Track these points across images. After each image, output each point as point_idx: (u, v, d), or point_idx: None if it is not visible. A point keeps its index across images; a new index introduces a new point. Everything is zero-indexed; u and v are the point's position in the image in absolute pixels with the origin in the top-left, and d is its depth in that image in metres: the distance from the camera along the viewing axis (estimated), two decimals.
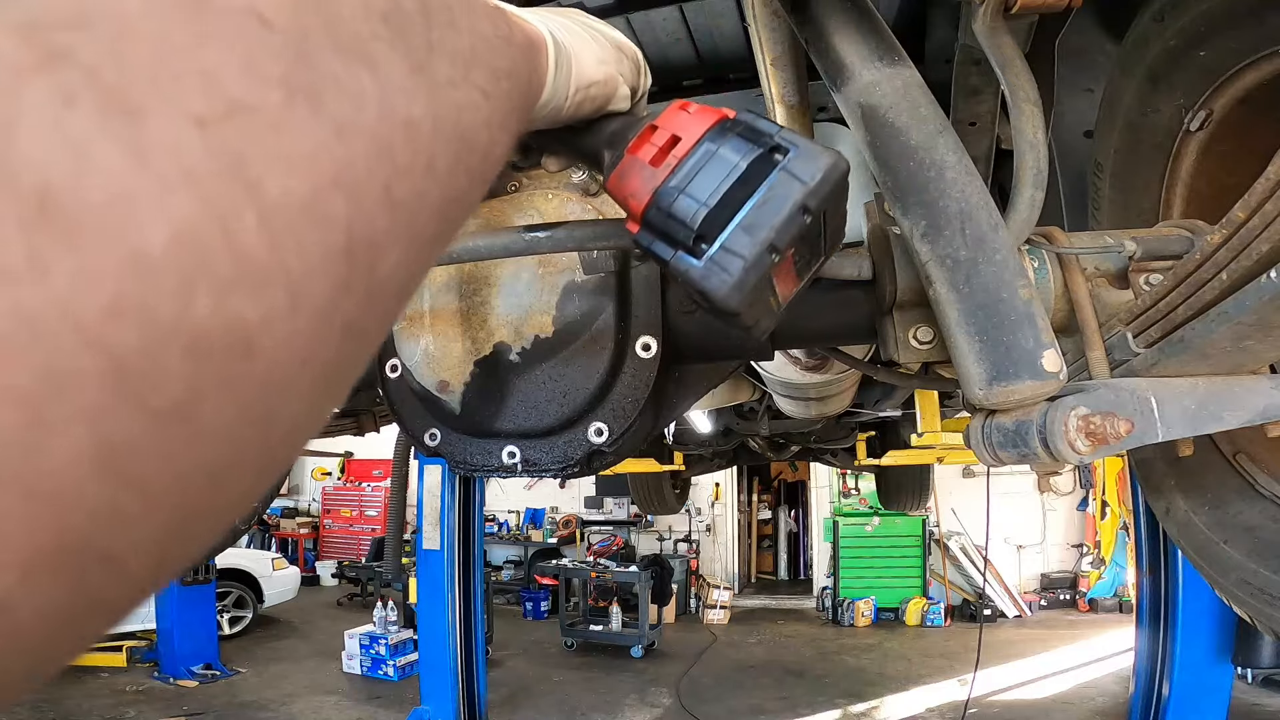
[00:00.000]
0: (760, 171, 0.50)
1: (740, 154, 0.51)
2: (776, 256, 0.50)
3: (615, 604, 9.10)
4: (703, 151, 0.51)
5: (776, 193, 0.50)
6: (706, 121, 0.52)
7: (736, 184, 0.50)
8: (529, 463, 0.97)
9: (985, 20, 0.91)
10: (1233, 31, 0.97)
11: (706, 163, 0.51)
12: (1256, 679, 6.56)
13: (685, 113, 0.53)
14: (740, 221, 0.50)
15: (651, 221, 0.53)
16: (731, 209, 0.50)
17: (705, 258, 0.51)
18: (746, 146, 0.51)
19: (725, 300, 0.51)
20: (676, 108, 0.54)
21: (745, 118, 0.53)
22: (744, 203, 0.50)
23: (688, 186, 0.51)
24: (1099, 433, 0.69)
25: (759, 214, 0.50)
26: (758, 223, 0.50)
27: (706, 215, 0.50)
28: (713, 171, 0.51)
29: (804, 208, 0.50)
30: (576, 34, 0.53)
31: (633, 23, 1.61)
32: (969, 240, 0.75)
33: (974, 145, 1.46)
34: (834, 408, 2.76)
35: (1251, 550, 1.11)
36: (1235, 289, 0.64)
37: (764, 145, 0.51)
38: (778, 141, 0.51)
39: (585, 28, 0.55)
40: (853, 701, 7.10)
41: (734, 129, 0.52)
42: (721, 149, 0.51)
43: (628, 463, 5.13)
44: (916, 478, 6.67)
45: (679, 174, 0.51)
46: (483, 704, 6.62)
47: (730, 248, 0.50)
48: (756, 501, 13.45)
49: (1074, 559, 10.77)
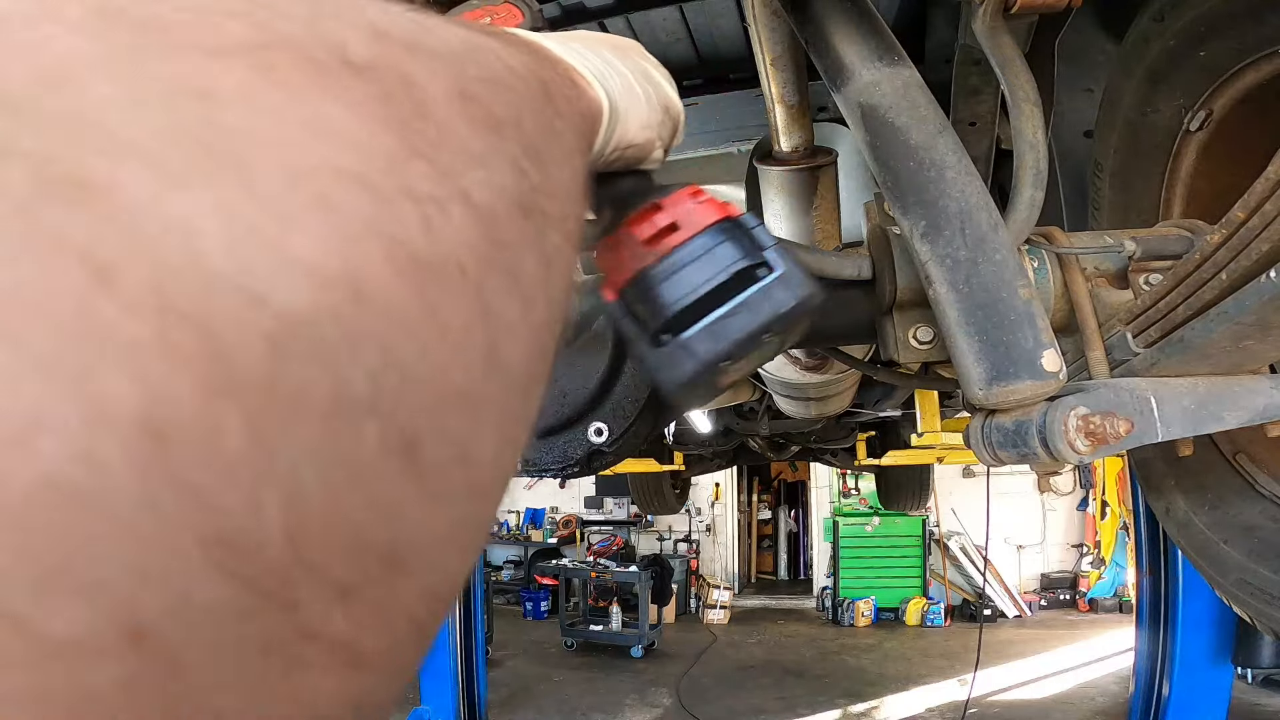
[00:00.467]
0: (741, 282, 0.52)
1: (729, 260, 0.52)
2: (728, 363, 0.53)
3: (615, 604, 9.10)
4: (696, 246, 0.53)
5: (748, 308, 0.52)
6: (709, 217, 0.53)
7: (716, 289, 0.52)
8: (529, 462, 0.97)
9: (985, 20, 0.91)
10: (1233, 31, 0.97)
11: (695, 259, 0.52)
12: (1256, 679, 6.55)
13: (692, 202, 0.54)
14: (705, 324, 0.52)
15: (627, 297, 0.54)
16: (702, 311, 0.52)
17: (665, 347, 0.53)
18: (737, 254, 0.52)
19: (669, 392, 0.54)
20: (686, 194, 0.55)
21: (747, 222, 0.54)
22: (715, 308, 0.52)
23: (670, 278, 0.53)
24: (1099, 432, 0.69)
25: (725, 324, 0.52)
26: (720, 332, 0.52)
27: (678, 311, 0.52)
28: (698, 269, 0.52)
29: (768, 329, 0.52)
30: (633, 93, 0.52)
31: (633, 23, 1.62)
32: (969, 240, 0.75)
33: (974, 145, 1.46)
34: (834, 408, 2.76)
35: (1251, 550, 1.11)
36: (1235, 289, 0.64)
37: (753, 258, 0.52)
38: (766, 259, 0.53)
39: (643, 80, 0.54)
40: (853, 701, 7.10)
41: (732, 232, 0.53)
42: (715, 249, 0.52)
43: (628, 463, 5.13)
44: (916, 478, 6.67)
45: (666, 262, 0.53)
46: (483, 704, 6.62)
47: (689, 346, 0.52)
48: (756, 501, 13.44)
49: (1074, 559, 10.77)
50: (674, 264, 0.52)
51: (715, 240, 0.53)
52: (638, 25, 1.62)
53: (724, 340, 0.52)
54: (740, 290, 0.52)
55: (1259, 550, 1.10)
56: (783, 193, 1.48)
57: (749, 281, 0.52)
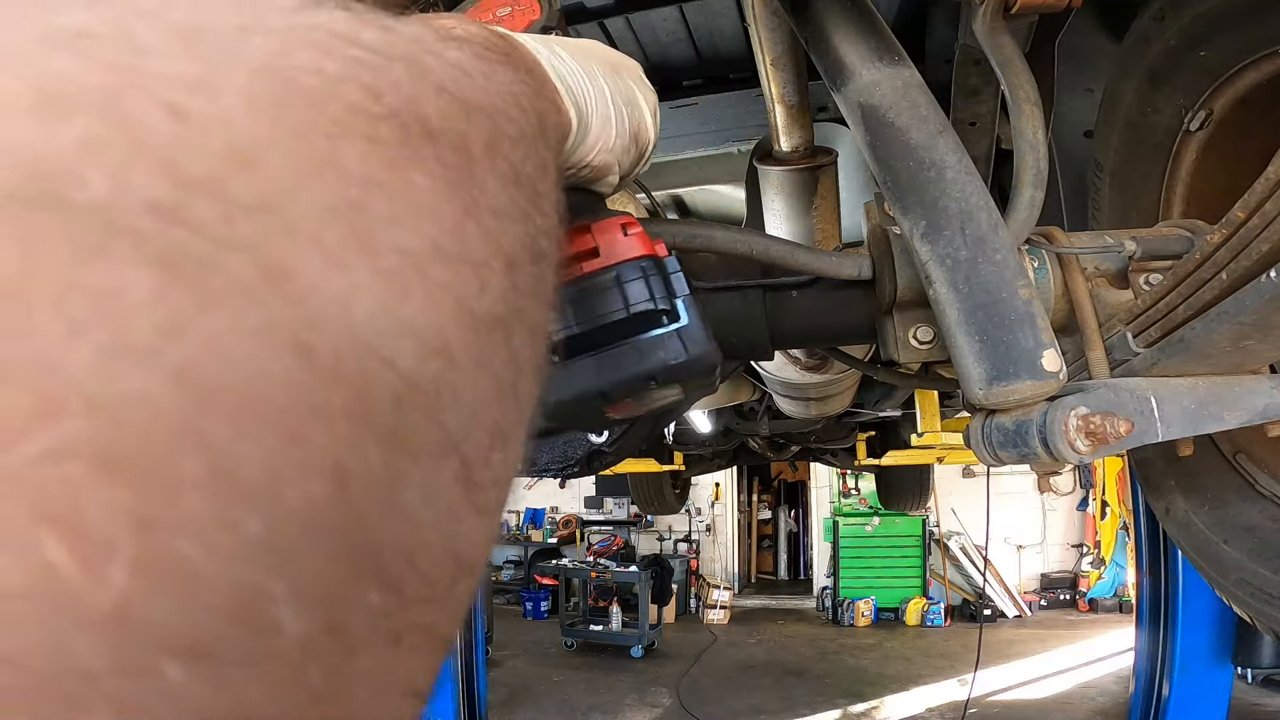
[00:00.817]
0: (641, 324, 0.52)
1: (636, 299, 0.52)
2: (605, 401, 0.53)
3: (615, 604, 9.10)
4: (609, 278, 0.53)
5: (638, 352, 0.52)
6: (630, 252, 0.53)
7: (614, 324, 0.52)
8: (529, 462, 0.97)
9: (985, 20, 0.91)
10: (1233, 31, 0.97)
11: (604, 290, 0.52)
12: (1256, 679, 6.55)
13: (619, 233, 0.54)
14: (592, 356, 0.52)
15: None
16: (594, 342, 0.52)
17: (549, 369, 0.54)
18: (645, 295, 0.52)
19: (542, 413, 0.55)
20: (618, 223, 0.55)
21: (668, 265, 0.54)
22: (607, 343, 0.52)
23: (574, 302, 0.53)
24: (1099, 432, 0.69)
25: (610, 361, 0.52)
26: (604, 367, 0.52)
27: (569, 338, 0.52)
28: (604, 300, 0.52)
29: (652, 377, 0.52)
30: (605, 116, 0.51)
31: (633, 23, 1.62)
32: (969, 240, 0.75)
33: (974, 145, 1.46)
34: (834, 408, 2.76)
35: (1251, 550, 1.11)
36: (1235, 289, 0.64)
37: (661, 304, 0.52)
38: (674, 307, 0.53)
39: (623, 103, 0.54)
40: (853, 701, 7.10)
41: (650, 272, 0.53)
42: (627, 284, 0.52)
43: (628, 463, 5.13)
44: (916, 478, 6.67)
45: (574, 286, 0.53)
46: (483, 704, 6.62)
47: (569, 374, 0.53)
48: (756, 501, 13.44)
49: (1074, 559, 10.77)
50: (581, 290, 0.53)
51: (630, 276, 0.53)
52: (638, 25, 1.62)
53: (602, 377, 0.52)
54: (638, 331, 0.52)
55: (1259, 550, 1.10)
56: (783, 193, 1.48)
57: (650, 325, 0.52)
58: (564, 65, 0.47)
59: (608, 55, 0.55)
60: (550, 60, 0.45)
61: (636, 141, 0.56)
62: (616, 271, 0.52)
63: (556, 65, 0.46)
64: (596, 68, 0.51)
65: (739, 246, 0.82)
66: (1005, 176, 1.66)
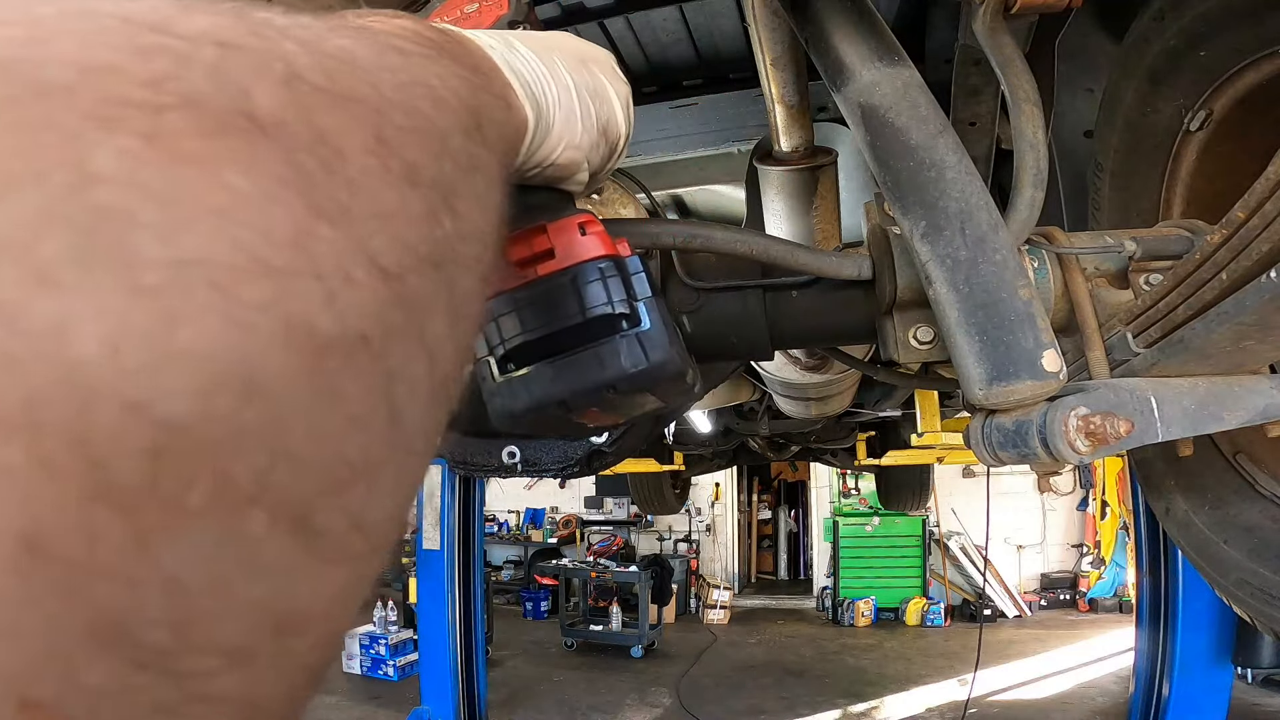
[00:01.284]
0: (600, 329, 0.49)
1: (594, 303, 0.49)
2: (565, 410, 0.50)
3: (615, 604, 9.09)
4: (565, 280, 0.50)
5: (597, 359, 0.49)
6: (588, 253, 0.50)
7: (571, 329, 0.49)
8: (529, 462, 0.97)
9: (985, 20, 0.91)
10: (1233, 31, 0.97)
11: (560, 294, 0.49)
12: (1256, 679, 6.55)
13: (576, 233, 0.51)
14: (548, 364, 0.50)
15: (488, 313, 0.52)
16: (553, 348, 0.49)
17: (503, 378, 0.50)
18: (602, 299, 0.49)
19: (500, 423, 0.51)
20: (576, 222, 0.51)
21: (629, 266, 0.51)
22: (566, 349, 0.49)
23: (529, 307, 0.50)
24: (1099, 433, 0.69)
25: (569, 369, 0.49)
26: (561, 376, 0.49)
27: (522, 344, 0.50)
28: (560, 304, 0.49)
29: (612, 386, 0.49)
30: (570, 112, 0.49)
31: (633, 23, 1.62)
32: (969, 240, 0.75)
33: (974, 145, 1.46)
34: (834, 408, 2.76)
35: (1251, 550, 1.11)
36: (1235, 289, 0.64)
37: (620, 307, 0.49)
38: (635, 310, 0.50)
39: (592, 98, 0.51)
40: (853, 701, 7.10)
41: (609, 274, 0.50)
42: (584, 288, 0.49)
43: (628, 463, 5.13)
44: (916, 478, 6.67)
45: (529, 290, 0.50)
46: (483, 704, 6.62)
47: (527, 382, 0.50)
48: (756, 501, 13.44)
49: (1074, 559, 10.77)
50: (536, 293, 0.50)
51: (588, 278, 0.49)
52: (638, 25, 1.62)
53: (559, 386, 0.49)
54: (597, 337, 0.49)
55: (1259, 550, 1.10)
56: (783, 193, 1.48)
57: (610, 330, 0.49)
58: (521, 60, 0.45)
59: (575, 48, 0.53)
60: (505, 56, 0.43)
61: (606, 137, 0.53)
62: (573, 274, 0.49)
63: (512, 60, 0.44)
64: (560, 61, 0.49)
65: (739, 246, 0.82)
66: (1005, 176, 1.66)
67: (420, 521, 6.65)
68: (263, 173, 0.20)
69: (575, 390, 0.49)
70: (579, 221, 0.51)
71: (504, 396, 0.51)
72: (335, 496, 0.20)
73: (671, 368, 0.50)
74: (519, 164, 0.46)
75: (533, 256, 0.50)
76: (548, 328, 0.49)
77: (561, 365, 0.49)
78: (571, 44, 0.53)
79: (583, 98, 0.50)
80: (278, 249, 0.19)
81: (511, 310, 0.50)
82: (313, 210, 0.20)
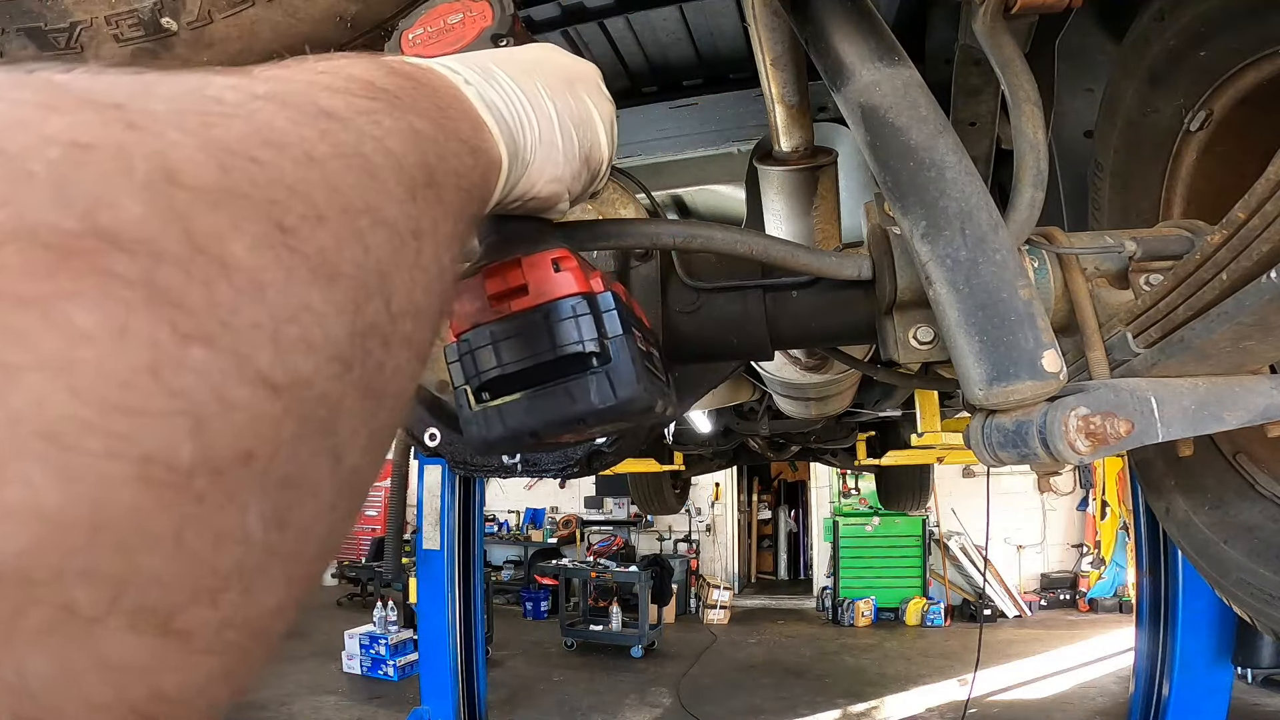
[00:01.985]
0: (571, 366, 0.51)
1: (565, 340, 0.51)
2: (535, 439, 0.53)
3: (615, 604, 9.09)
4: (538, 316, 0.51)
5: (568, 395, 0.51)
6: (560, 290, 0.52)
7: (544, 365, 0.51)
8: (529, 463, 0.97)
9: (985, 20, 0.91)
10: (1233, 31, 0.97)
11: (534, 330, 0.51)
12: (1256, 679, 6.55)
13: (550, 270, 0.52)
14: (521, 397, 0.52)
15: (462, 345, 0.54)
16: (525, 382, 0.52)
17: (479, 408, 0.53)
18: (574, 337, 0.51)
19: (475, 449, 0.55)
20: (550, 258, 0.52)
21: (602, 303, 0.52)
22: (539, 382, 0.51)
23: (503, 342, 0.52)
24: (1099, 433, 0.69)
25: (540, 402, 0.51)
26: (534, 409, 0.51)
27: (497, 378, 0.52)
28: (532, 340, 0.51)
29: (582, 420, 0.51)
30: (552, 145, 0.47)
31: (633, 23, 1.61)
32: (969, 240, 0.75)
33: (974, 145, 1.46)
34: (834, 408, 2.76)
35: (1251, 550, 1.11)
36: (1235, 289, 0.64)
37: (591, 345, 0.51)
38: (605, 349, 0.51)
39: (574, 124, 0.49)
40: (853, 701, 7.10)
41: (581, 312, 0.51)
42: (557, 325, 0.51)
43: (628, 463, 5.13)
44: (916, 478, 6.67)
45: (503, 325, 0.52)
46: (483, 704, 6.62)
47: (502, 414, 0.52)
48: (756, 501, 13.44)
49: (1074, 559, 10.77)
50: (509, 329, 0.51)
51: (560, 316, 0.51)
52: (638, 25, 1.62)
53: (533, 419, 0.51)
54: (567, 373, 0.51)
55: (1259, 550, 1.10)
56: (783, 193, 1.48)
57: (580, 366, 0.51)
58: (499, 93, 0.43)
59: (559, 68, 0.51)
60: (481, 91, 0.41)
61: (589, 164, 0.52)
62: (545, 311, 0.51)
63: (488, 95, 0.42)
64: (543, 87, 0.47)
65: (739, 247, 0.82)
66: (1005, 176, 1.66)
67: (420, 521, 6.66)
68: (114, 303, 0.18)
69: (547, 422, 0.51)
70: (553, 257, 0.52)
71: (479, 425, 0.53)
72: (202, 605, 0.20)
73: (639, 404, 0.51)
74: (501, 198, 0.45)
75: (508, 291, 0.52)
76: (521, 363, 0.51)
77: (534, 398, 0.51)
78: (556, 62, 0.52)
79: (565, 126, 0.48)
80: (128, 389, 0.18)
81: (488, 344, 0.52)
82: (179, 336, 0.19)
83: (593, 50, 1.69)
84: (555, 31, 1.62)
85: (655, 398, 0.53)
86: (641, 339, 0.57)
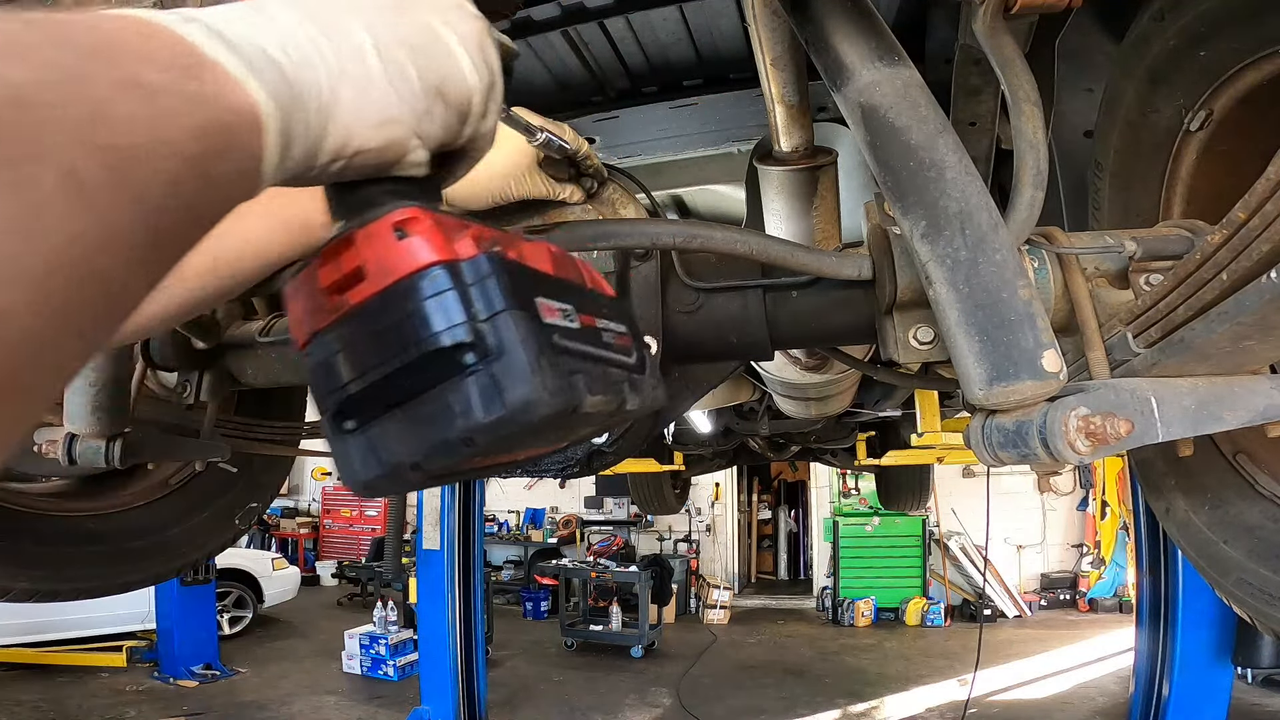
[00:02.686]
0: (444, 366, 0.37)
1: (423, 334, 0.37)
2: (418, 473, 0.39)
3: (615, 604, 9.10)
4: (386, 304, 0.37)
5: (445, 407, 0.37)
6: (409, 263, 0.37)
7: (405, 369, 0.37)
8: (529, 462, 0.97)
9: (985, 20, 0.91)
10: (1233, 31, 0.97)
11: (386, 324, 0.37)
12: (1256, 679, 6.55)
13: (391, 238, 0.38)
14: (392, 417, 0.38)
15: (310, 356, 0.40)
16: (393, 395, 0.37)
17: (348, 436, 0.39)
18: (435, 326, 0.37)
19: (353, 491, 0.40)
20: (390, 222, 0.38)
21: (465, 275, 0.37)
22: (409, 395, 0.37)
23: (346, 349, 0.38)
24: (1099, 433, 0.69)
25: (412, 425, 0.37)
26: (405, 434, 0.37)
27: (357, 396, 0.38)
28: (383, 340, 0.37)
29: (469, 441, 0.37)
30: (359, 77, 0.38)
31: (633, 23, 1.61)
32: (969, 240, 0.75)
33: (974, 145, 1.46)
34: (834, 408, 2.76)
35: (1251, 550, 1.11)
36: (1235, 289, 0.64)
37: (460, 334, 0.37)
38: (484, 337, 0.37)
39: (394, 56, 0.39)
40: (853, 701, 7.10)
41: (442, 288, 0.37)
42: (411, 314, 0.37)
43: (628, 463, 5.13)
44: (916, 478, 6.67)
45: (346, 324, 0.38)
46: (483, 704, 6.62)
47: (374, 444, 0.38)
48: (756, 501, 13.44)
49: (1074, 559, 10.77)
50: (354, 329, 0.38)
51: (413, 300, 0.37)
52: (638, 25, 1.62)
53: (413, 445, 0.37)
54: (440, 377, 0.37)
55: (1259, 550, 1.10)
56: (783, 193, 1.48)
57: (451, 368, 0.37)
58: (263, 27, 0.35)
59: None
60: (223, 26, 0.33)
61: (444, 98, 0.41)
62: (392, 294, 0.37)
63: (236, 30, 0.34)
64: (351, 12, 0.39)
65: (739, 246, 0.82)
66: (1005, 176, 1.66)
67: (420, 521, 6.66)
68: None
69: (429, 449, 0.37)
70: (394, 222, 0.38)
71: (344, 462, 0.39)
72: None
73: (542, 408, 0.37)
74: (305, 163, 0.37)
75: (343, 279, 0.38)
76: (371, 375, 0.37)
77: (404, 419, 0.37)
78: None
79: (392, 55, 0.39)
80: None
81: (331, 355, 0.38)
82: None
83: (593, 50, 1.69)
84: (555, 31, 1.62)
85: (574, 394, 0.39)
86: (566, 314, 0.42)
